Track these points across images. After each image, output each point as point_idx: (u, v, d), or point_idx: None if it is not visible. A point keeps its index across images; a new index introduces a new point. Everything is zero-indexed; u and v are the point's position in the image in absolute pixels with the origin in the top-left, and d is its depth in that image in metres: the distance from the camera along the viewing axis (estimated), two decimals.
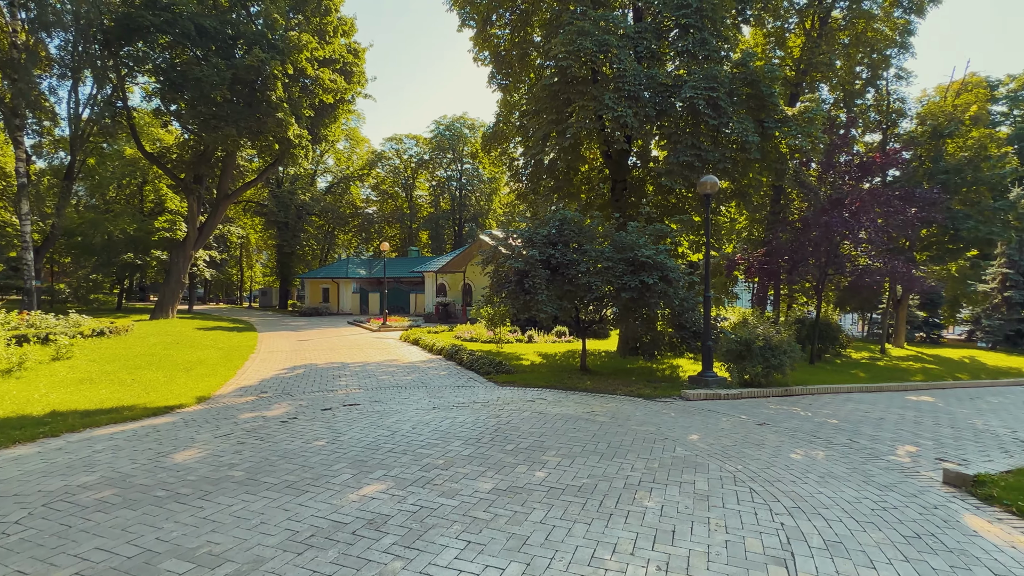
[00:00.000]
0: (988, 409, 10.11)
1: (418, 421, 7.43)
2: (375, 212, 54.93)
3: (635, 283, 10.26)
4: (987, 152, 17.54)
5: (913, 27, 18.39)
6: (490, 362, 12.48)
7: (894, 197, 14.05)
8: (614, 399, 9.41)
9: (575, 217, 11.59)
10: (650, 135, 14.29)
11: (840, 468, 5.80)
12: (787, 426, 7.73)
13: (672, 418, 8.01)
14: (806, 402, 9.91)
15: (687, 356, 12.06)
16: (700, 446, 6.49)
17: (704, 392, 9.74)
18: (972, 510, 4.71)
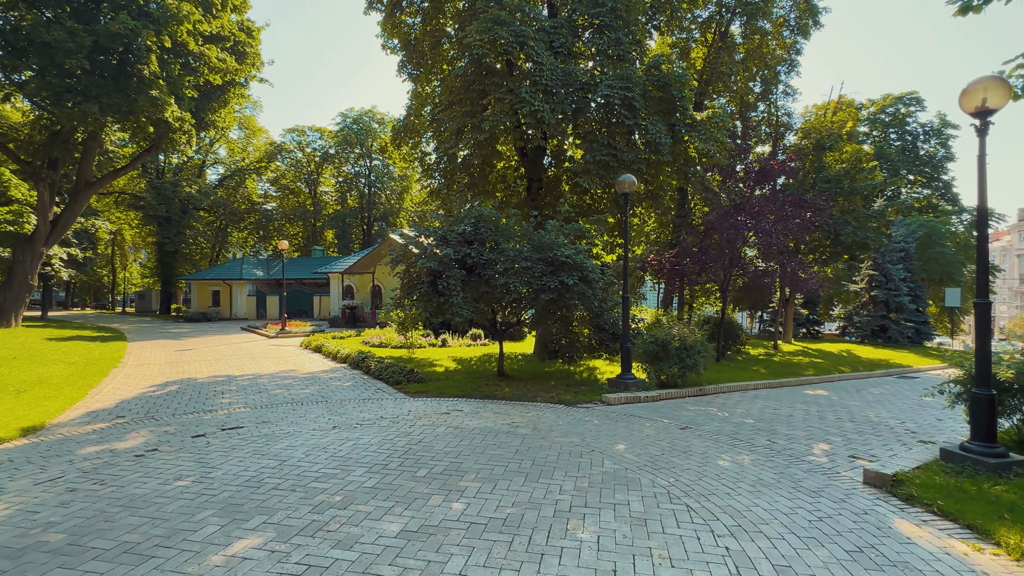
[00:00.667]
0: (874, 400, 10.84)
1: (314, 445, 6.36)
2: (275, 208, 50.89)
3: (554, 284, 9.82)
4: (861, 164, 19.55)
5: (800, 47, 19.98)
6: (400, 370, 11.48)
7: (787, 203, 14.97)
8: (535, 407, 8.87)
9: (491, 214, 10.96)
10: (565, 133, 14.03)
11: (768, 474, 5.63)
12: (708, 429, 7.61)
13: (596, 426, 7.60)
14: (720, 401, 10.02)
15: (602, 357, 11.90)
16: (628, 457, 6.08)
17: (624, 396, 9.50)
18: (899, 513, 4.65)
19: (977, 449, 5.64)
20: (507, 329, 12.24)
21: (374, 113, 49.44)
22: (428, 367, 13.06)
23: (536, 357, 15.01)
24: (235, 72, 23.93)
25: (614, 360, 12.71)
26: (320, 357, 15.61)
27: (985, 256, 5.77)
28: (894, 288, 24.37)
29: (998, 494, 4.86)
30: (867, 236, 19.07)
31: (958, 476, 5.38)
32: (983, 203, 5.78)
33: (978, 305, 5.75)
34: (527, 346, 19.15)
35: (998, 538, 4.05)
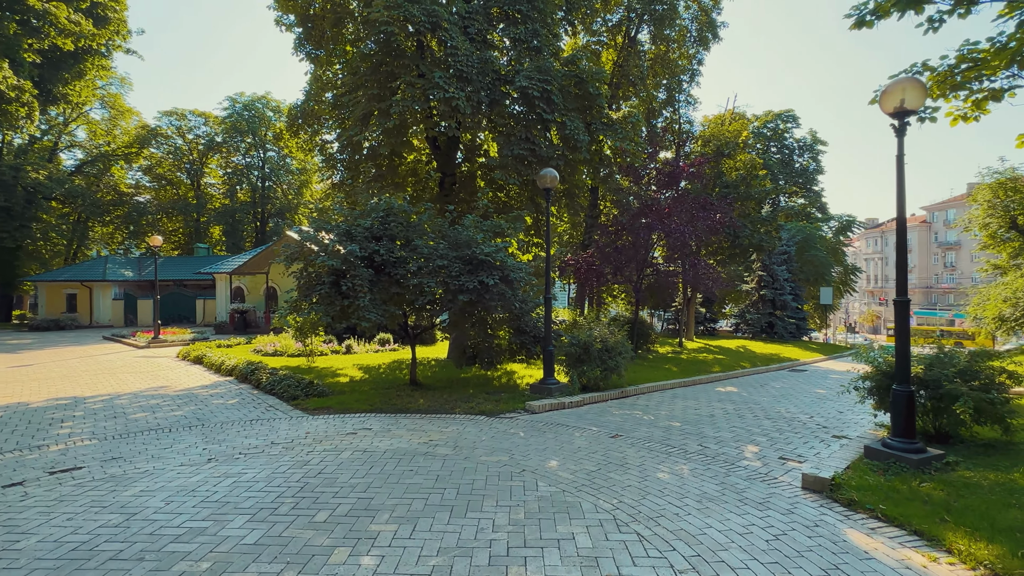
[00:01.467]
0: (779, 395, 11.27)
1: (179, 487, 5.05)
2: (149, 201, 45.00)
3: (473, 284, 9.04)
4: (755, 172, 20.99)
5: (701, 57, 20.97)
6: (297, 382, 10.08)
7: (696, 205, 15.46)
8: (454, 420, 8.02)
9: (403, 208, 9.94)
10: (481, 125, 13.32)
11: (710, 485, 5.28)
12: (639, 436, 7.24)
13: (523, 440, 6.93)
14: (643, 403, 9.82)
15: (518, 360, 11.35)
16: (564, 476, 5.46)
17: (549, 402, 8.96)
18: (846, 522, 4.43)
19: (899, 445, 5.70)
20: (420, 333, 11.27)
21: (268, 100, 45.51)
22: (331, 377, 11.69)
23: (451, 363, 14.13)
24: (92, 38, 20.49)
25: (532, 363, 12.21)
26: (200, 370, 13.54)
27: (904, 253, 5.87)
28: (779, 288, 26.58)
29: (929, 492, 4.84)
30: (762, 239, 20.51)
31: (886, 474, 5.36)
32: (901, 202, 5.89)
33: (898, 303, 5.83)
34: (440, 351, 18.19)
35: (949, 544, 3.91)
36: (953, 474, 5.34)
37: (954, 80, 9.44)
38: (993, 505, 4.52)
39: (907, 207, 5.94)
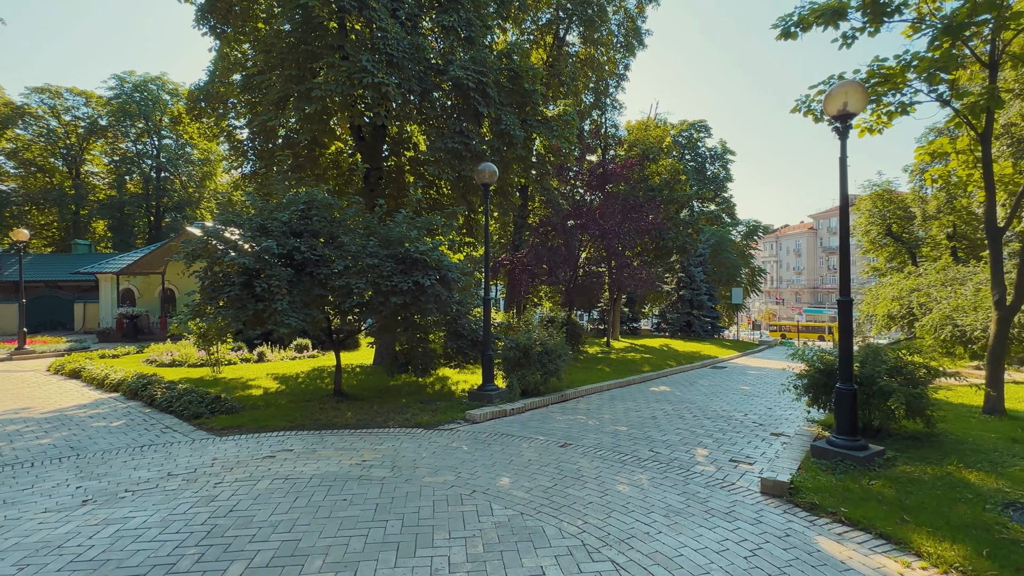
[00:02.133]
0: (710, 393, 11.53)
1: (40, 544, 3.97)
2: (14, 189, 39.04)
3: (407, 285, 8.31)
4: (679, 176, 21.84)
5: (628, 62, 21.43)
6: (201, 397, 8.79)
7: (629, 206, 15.64)
8: (388, 435, 7.27)
9: (326, 201, 8.99)
10: (411, 116, 12.54)
11: (673, 496, 5.01)
12: (588, 444, 6.91)
13: (468, 455, 6.35)
14: (583, 407, 9.58)
15: (452, 365, 10.71)
16: (519, 496, 4.96)
17: (490, 410, 8.43)
18: (813, 528, 4.31)
19: (843, 443, 5.78)
20: (345, 339, 10.34)
21: (164, 82, 41.14)
22: (241, 390, 10.41)
23: (378, 369, 13.20)
24: None
25: (465, 369, 11.59)
26: (78, 385, 11.60)
27: (847, 253, 5.98)
28: (697, 288, 27.93)
29: (880, 491, 4.87)
30: (685, 241, 21.34)
31: (836, 473, 5.39)
32: (844, 202, 6.00)
33: (841, 303, 5.93)
34: (364, 356, 17.09)
35: (916, 547, 3.86)
36: (895, 470, 5.47)
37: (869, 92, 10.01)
38: (942, 501, 4.60)
39: (795, 218, 6.09)
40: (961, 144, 10.24)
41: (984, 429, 7.17)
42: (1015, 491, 4.80)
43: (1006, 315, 8.02)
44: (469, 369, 11.51)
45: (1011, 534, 3.97)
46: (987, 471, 5.34)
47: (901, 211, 36.09)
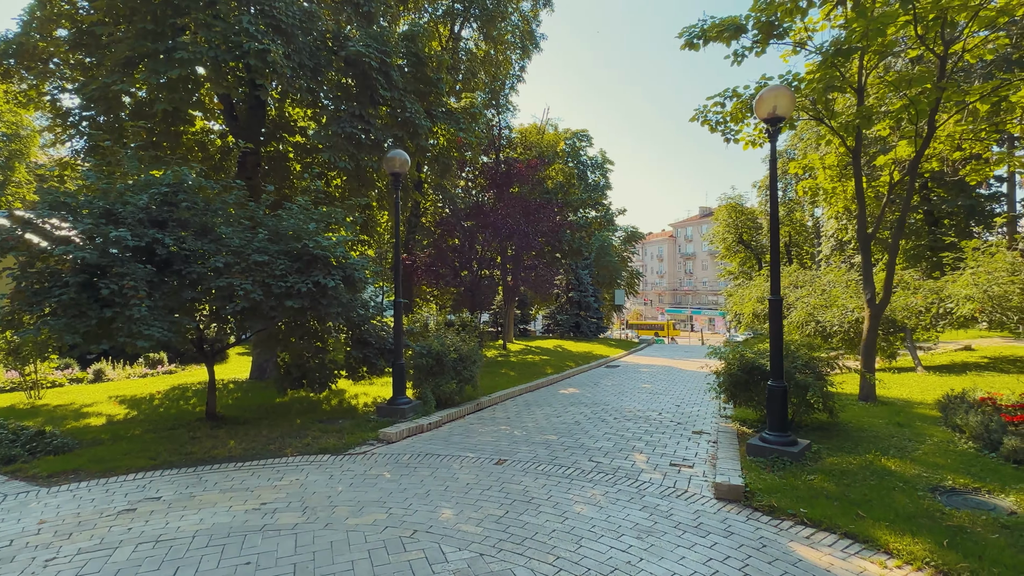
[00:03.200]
0: (617, 392, 11.63)
1: None
2: None
3: (306, 286, 7.07)
4: (572, 181, 22.33)
5: (524, 64, 21.44)
6: (14, 434, 6.64)
7: (532, 206, 15.46)
8: (289, 467, 6.04)
9: (199, 183, 7.39)
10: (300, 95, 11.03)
11: (635, 512, 4.62)
12: (524, 458, 6.35)
13: (394, 483, 5.43)
14: (502, 415, 9.02)
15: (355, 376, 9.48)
16: (470, 532, 4.23)
17: (405, 427, 7.50)
18: (784, 535, 4.17)
19: (776, 440, 5.89)
20: (221, 350, 8.68)
21: None
22: (75, 420, 8.22)
23: (255, 385, 11.45)
24: None
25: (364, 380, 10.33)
26: None
27: (777, 253, 6.14)
28: (584, 290, 28.96)
29: (824, 487, 4.95)
30: (581, 244, 21.86)
31: (775, 471, 5.44)
32: (774, 203, 6.15)
33: (772, 302, 6.06)
34: (235, 369, 14.92)
35: (884, 544, 3.86)
36: (824, 463, 5.66)
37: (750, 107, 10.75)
38: (881, 492, 4.77)
39: (658, 226, 6.29)
40: (829, 160, 11.49)
41: (869, 415, 7.92)
42: (931, 475, 5.17)
43: (876, 312, 9.02)
44: (368, 380, 10.32)
45: (954, 520, 4.16)
46: (899, 457, 5.75)
47: (750, 222, 40.90)
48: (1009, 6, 7.67)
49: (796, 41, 10.52)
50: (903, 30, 8.28)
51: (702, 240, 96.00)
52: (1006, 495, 4.65)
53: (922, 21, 7.78)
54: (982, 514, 4.27)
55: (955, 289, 11.90)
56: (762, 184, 38.83)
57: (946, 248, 21.42)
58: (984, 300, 11.23)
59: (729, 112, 11.11)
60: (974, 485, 4.88)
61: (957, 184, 20.47)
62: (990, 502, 4.56)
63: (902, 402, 9.01)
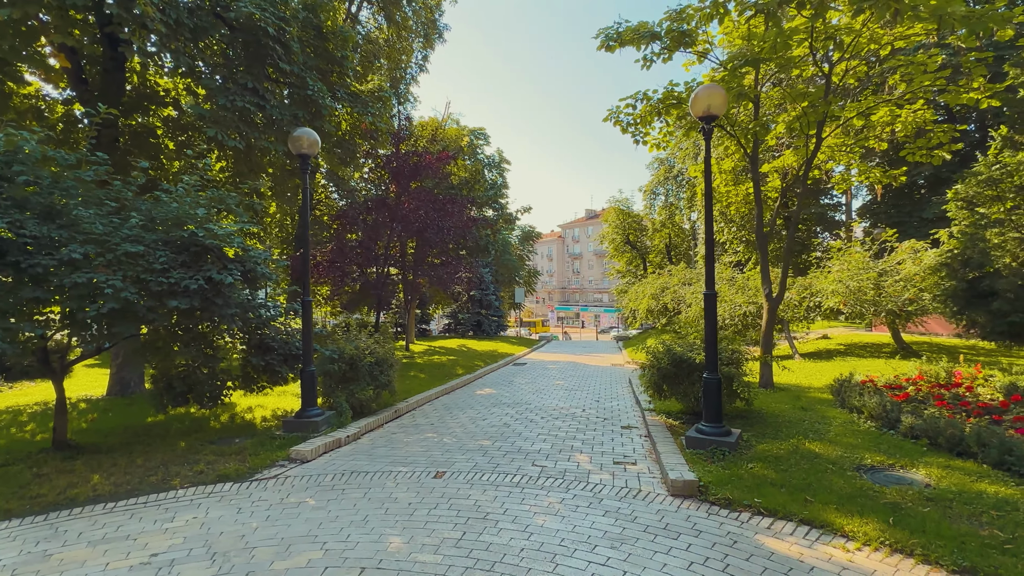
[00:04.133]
0: (534, 391, 11.49)
1: None
2: None
3: (195, 283, 5.91)
4: (478, 176, 21.96)
5: (427, 54, 20.61)
6: None
7: (443, 201, 14.81)
8: (179, 503, 4.94)
9: (42, 153, 5.85)
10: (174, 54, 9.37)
11: (601, 520, 4.37)
12: (464, 468, 5.85)
13: (322, 511, 4.65)
14: (423, 421, 8.39)
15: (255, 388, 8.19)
16: (430, 561, 3.68)
17: (321, 442, 6.61)
18: (748, 528, 4.17)
19: (712, 431, 6.03)
20: (75, 363, 7.04)
21: None
22: None
23: (117, 403, 9.60)
24: None
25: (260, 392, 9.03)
26: None
27: (711, 248, 6.27)
28: (486, 288, 28.77)
29: (766, 474, 5.10)
30: (488, 241, 21.56)
31: (716, 462, 5.53)
32: (708, 199, 6.29)
33: (707, 296, 6.19)
34: (86, 385, 12.55)
35: (839, 528, 3.99)
36: (757, 450, 5.90)
37: (658, 111, 11.21)
38: (818, 476, 5.01)
39: (548, 227, 6.45)
40: (726, 165, 12.36)
41: (774, 401, 8.53)
42: (850, 455, 5.57)
43: (773, 305, 9.81)
44: (266, 392, 9.05)
45: (887, 497, 4.45)
46: (817, 440, 6.16)
47: (636, 224, 43.62)
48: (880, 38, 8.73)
49: (698, 52, 11.10)
50: (800, 47, 9.04)
51: (588, 241, 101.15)
52: (916, 469, 5.13)
53: (817, 38, 8.54)
54: (907, 489, 4.63)
55: (823, 284, 13.50)
56: (647, 188, 41.59)
57: (803, 250, 24.48)
58: (847, 294, 12.88)
59: (639, 115, 11.44)
60: (888, 462, 5.33)
61: (811, 192, 23.45)
62: (907, 477, 4.99)
63: (796, 388, 9.91)
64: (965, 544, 3.64)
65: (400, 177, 14.14)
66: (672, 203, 40.78)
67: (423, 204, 14.12)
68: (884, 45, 8.84)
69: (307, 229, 7.41)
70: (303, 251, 7.42)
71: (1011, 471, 4.77)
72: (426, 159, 14.42)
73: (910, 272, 12.93)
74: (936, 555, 3.55)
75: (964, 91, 8.59)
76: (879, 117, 10.22)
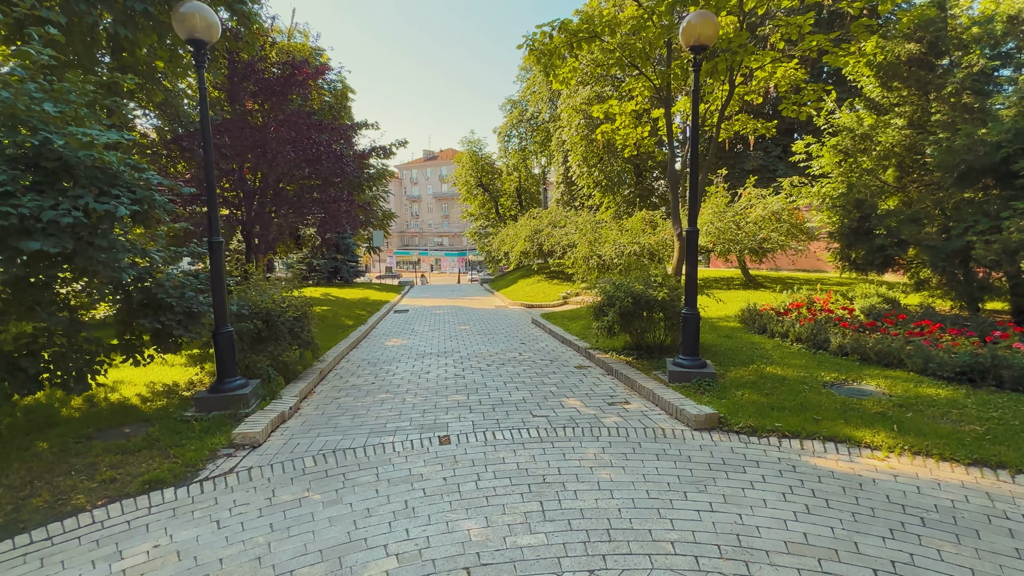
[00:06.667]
0: (449, 336, 10.82)
1: None
2: None
3: (68, 218, 3.99)
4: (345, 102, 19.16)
5: None
6: None
7: (327, 127, 12.57)
8: (108, 529, 3.43)
9: None
10: None
11: (661, 464, 4.19)
12: (462, 429, 5.17)
13: (336, 504, 3.66)
14: (360, 381, 7.30)
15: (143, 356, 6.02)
16: (539, 546, 3.11)
17: (266, 419, 5.24)
18: (789, 453, 4.39)
19: (692, 364, 6.25)
20: None
21: None
22: None
23: None
24: None
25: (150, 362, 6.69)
26: None
27: (695, 184, 6.25)
28: (343, 231, 26.07)
29: (759, 400, 5.46)
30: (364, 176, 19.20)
31: (707, 392, 5.76)
32: (695, 133, 6.19)
33: (689, 233, 6.21)
34: None
35: (859, 440, 4.42)
36: (729, 377, 6.29)
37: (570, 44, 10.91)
38: (799, 394, 5.52)
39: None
40: (628, 107, 12.58)
41: None
42: (808, 375, 6.23)
43: (683, 243, 10.49)
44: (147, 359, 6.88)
45: (871, 408, 5.08)
46: (770, 364, 6.78)
47: (490, 166, 43.49)
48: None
49: None
50: None
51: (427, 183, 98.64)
52: (864, 381, 5.96)
53: None
54: (878, 399, 5.34)
55: None
56: (501, 130, 41.36)
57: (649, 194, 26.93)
58: (716, 234, 14.51)
59: (553, 45, 10.92)
60: (841, 377, 6.11)
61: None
62: (864, 389, 5.77)
63: (705, 318, 10.90)
64: (961, 440, 4.29)
65: (270, 93, 11.52)
66: (525, 147, 41.31)
67: (301, 130, 11.81)
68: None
69: (210, 146, 5.51)
70: (207, 174, 5.54)
71: (935, 376, 5.81)
72: (303, 71, 11.92)
73: (758, 216, 15.01)
74: (948, 453, 4.12)
75: (843, 54, 9.79)
76: (757, 71, 11.22)
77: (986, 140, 7.28)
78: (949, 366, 5.68)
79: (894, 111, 9.58)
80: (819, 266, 18.70)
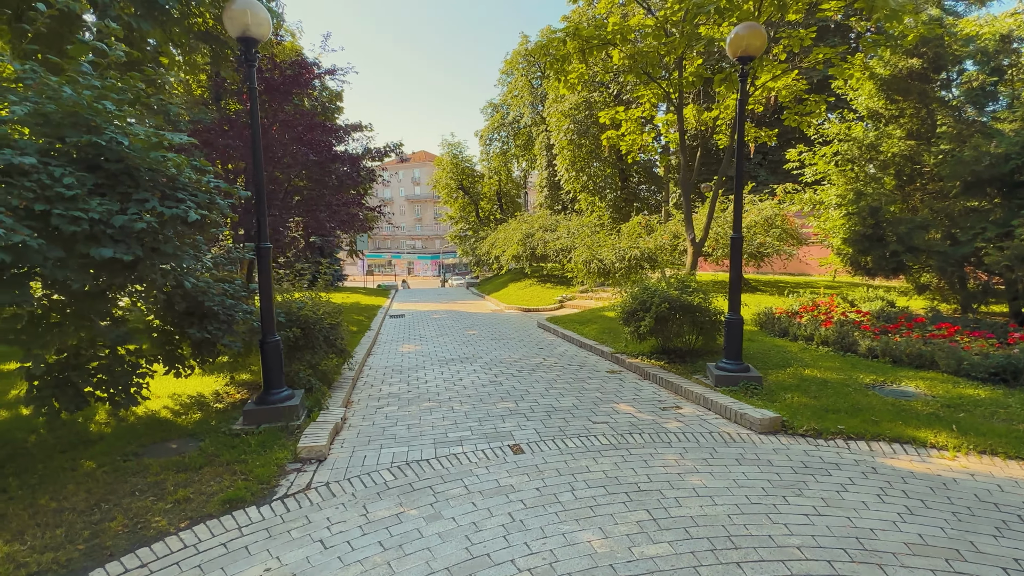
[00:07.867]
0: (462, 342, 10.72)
1: None
2: None
3: (143, 223, 3.77)
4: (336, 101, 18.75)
5: None
6: None
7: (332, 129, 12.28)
8: (202, 555, 3.25)
9: None
10: None
11: (745, 469, 4.24)
12: (529, 438, 5.11)
13: (438, 519, 3.55)
14: (394, 389, 7.14)
15: (185, 367, 5.64)
16: (667, 556, 3.10)
17: (324, 431, 5.07)
18: (863, 455, 4.51)
19: (736, 368, 6.35)
20: None
21: None
22: None
23: None
24: None
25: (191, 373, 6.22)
26: None
27: (740, 194, 6.36)
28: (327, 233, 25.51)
29: (811, 403, 5.59)
30: (364, 178, 18.79)
31: (759, 397, 5.86)
32: (740, 140, 6.30)
33: (734, 239, 6.33)
34: None
35: (924, 441, 4.58)
36: (771, 381, 6.41)
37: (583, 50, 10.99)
38: (847, 397, 5.66)
39: None
40: (634, 114, 12.74)
41: None
42: (847, 377, 6.40)
43: (696, 249, 10.68)
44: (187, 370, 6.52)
45: (921, 408, 5.26)
46: (806, 367, 6.94)
47: (470, 169, 43.33)
48: None
49: None
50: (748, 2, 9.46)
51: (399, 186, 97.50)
52: (901, 383, 6.17)
53: None
54: (923, 401, 5.54)
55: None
56: (483, 134, 41.28)
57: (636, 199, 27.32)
58: (714, 239, 14.82)
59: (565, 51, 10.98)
60: (880, 379, 6.31)
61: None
62: (905, 390, 5.97)
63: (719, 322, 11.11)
64: (1021, 439, 4.49)
65: (274, 93, 11.19)
66: (506, 150, 41.33)
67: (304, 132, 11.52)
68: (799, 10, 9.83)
69: (259, 148, 5.30)
70: (256, 179, 5.33)
71: (968, 376, 6.07)
72: (307, 72, 11.62)
73: (751, 221, 15.41)
74: (1013, 451, 4.31)
75: (848, 67, 10.18)
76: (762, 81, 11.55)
77: (993, 152, 7.68)
78: (983, 367, 5.95)
79: (896, 122, 10.03)
80: (806, 270, 19.35)
